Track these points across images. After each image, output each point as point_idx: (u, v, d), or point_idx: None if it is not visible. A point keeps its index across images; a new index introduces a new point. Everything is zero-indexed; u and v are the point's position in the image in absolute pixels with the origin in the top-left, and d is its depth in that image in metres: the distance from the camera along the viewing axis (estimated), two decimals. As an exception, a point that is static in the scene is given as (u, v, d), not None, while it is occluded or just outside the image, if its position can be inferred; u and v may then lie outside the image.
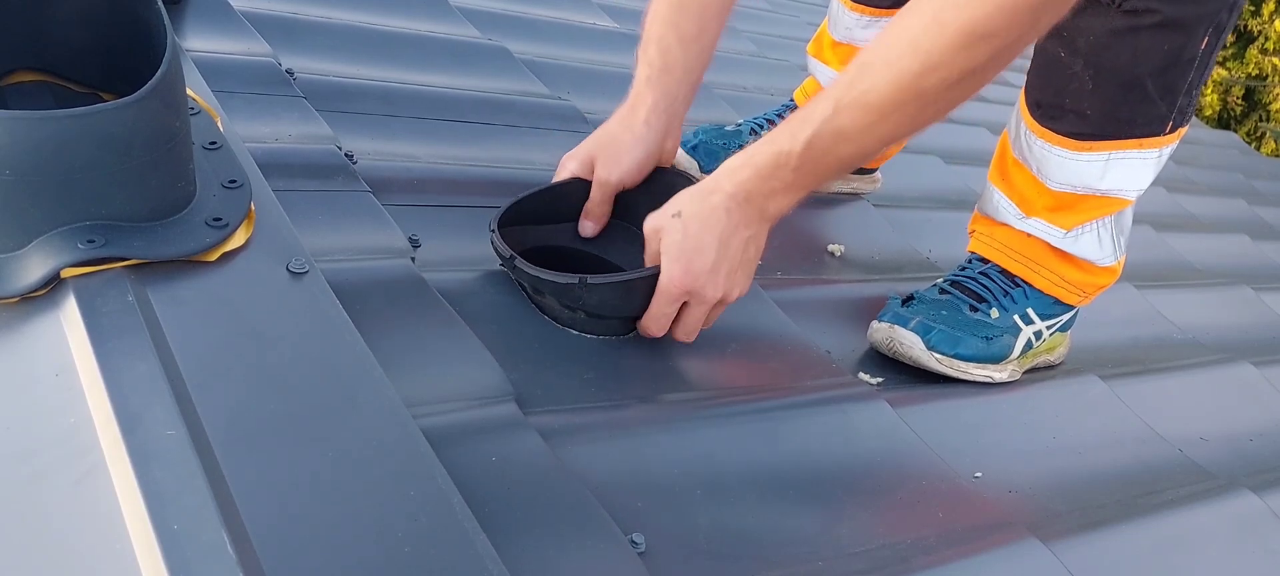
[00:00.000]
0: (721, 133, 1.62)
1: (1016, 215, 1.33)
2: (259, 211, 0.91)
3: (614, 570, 0.79)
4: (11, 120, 0.76)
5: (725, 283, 1.08)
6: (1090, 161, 1.26)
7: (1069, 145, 1.26)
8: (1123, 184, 1.27)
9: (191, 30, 1.39)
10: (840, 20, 1.61)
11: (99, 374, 0.71)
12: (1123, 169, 1.26)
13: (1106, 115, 1.23)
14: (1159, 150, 1.26)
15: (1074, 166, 1.27)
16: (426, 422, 0.82)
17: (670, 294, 1.08)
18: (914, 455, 1.11)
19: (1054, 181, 1.29)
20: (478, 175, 1.38)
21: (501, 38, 1.89)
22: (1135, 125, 1.24)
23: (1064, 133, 1.26)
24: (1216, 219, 2.71)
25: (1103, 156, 1.25)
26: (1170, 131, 1.25)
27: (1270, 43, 6.31)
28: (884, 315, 1.29)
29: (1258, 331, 1.93)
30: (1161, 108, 1.23)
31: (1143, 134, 1.24)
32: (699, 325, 1.12)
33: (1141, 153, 1.25)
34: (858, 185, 1.75)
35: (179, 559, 0.59)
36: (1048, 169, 1.29)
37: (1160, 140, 1.25)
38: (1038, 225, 1.32)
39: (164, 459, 0.65)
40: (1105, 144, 1.24)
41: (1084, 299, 1.37)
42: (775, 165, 1.06)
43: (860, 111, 1.01)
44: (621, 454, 0.95)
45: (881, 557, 0.93)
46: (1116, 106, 1.23)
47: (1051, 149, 1.27)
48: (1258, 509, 1.22)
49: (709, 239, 1.06)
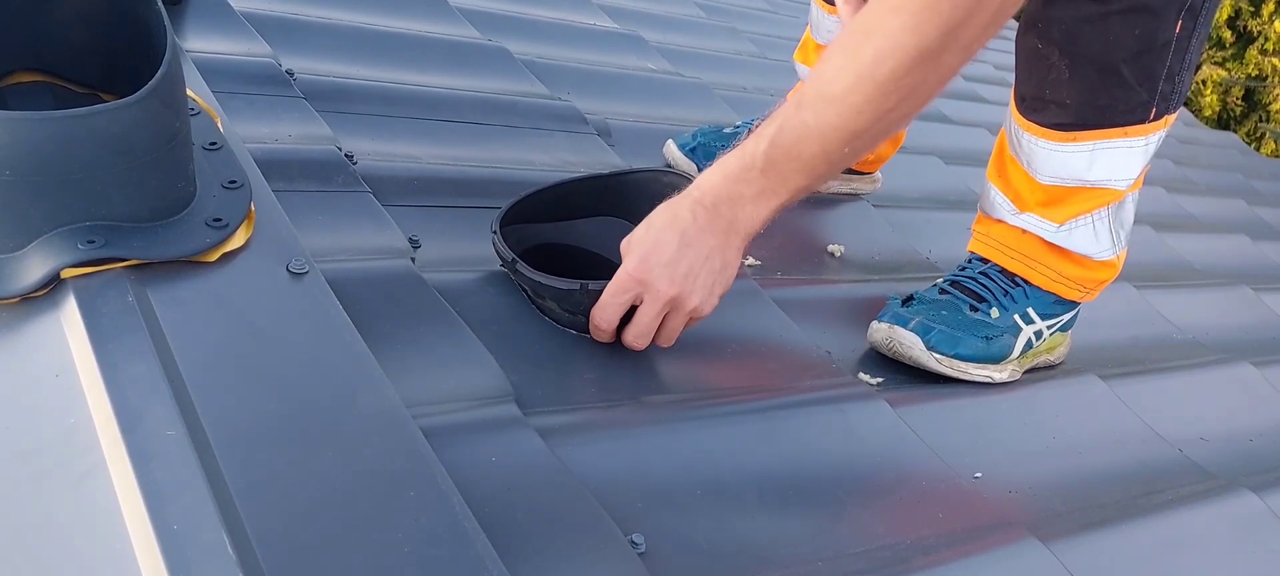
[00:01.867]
0: (720, 134, 1.62)
1: (1011, 211, 1.34)
2: (259, 212, 0.91)
3: (614, 570, 0.79)
4: (11, 120, 0.76)
5: (682, 283, 1.06)
6: (1075, 152, 1.26)
7: (1053, 137, 1.27)
8: (1110, 174, 1.28)
9: (191, 30, 1.39)
10: (820, 24, 1.62)
11: (99, 374, 0.71)
12: (1109, 158, 1.26)
13: (1086, 103, 1.24)
14: (1145, 138, 1.26)
15: (1061, 158, 1.27)
16: (426, 423, 0.82)
17: (620, 284, 1.06)
18: (914, 455, 1.11)
19: (1043, 175, 1.29)
20: (478, 175, 1.38)
21: (501, 38, 1.89)
22: (1116, 112, 1.24)
23: (1047, 124, 1.27)
24: (1216, 219, 2.71)
25: (1087, 147, 1.26)
26: (1155, 118, 1.26)
27: (1270, 43, 6.31)
28: (884, 315, 1.29)
29: (1258, 331, 1.93)
30: (1142, 94, 1.23)
31: (1125, 122, 1.25)
32: (650, 327, 1.09)
33: (1127, 141, 1.26)
34: (857, 186, 1.76)
35: (179, 559, 0.59)
36: (1037, 162, 1.29)
37: (1145, 128, 1.26)
38: (1031, 220, 1.32)
39: (164, 459, 0.65)
40: (1088, 133, 1.25)
41: (1086, 294, 1.37)
42: (742, 168, 1.05)
43: (822, 104, 1.01)
44: (621, 454, 0.95)
45: (881, 558, 0.93)
46: (1095, 94, 1.24)
47: (1038, 142, 1.28)
48: (1258, 509, 1.22)
49: (669, 237, 1.05)
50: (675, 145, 1.62)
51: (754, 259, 1.42)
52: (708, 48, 2.51)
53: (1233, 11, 6.40)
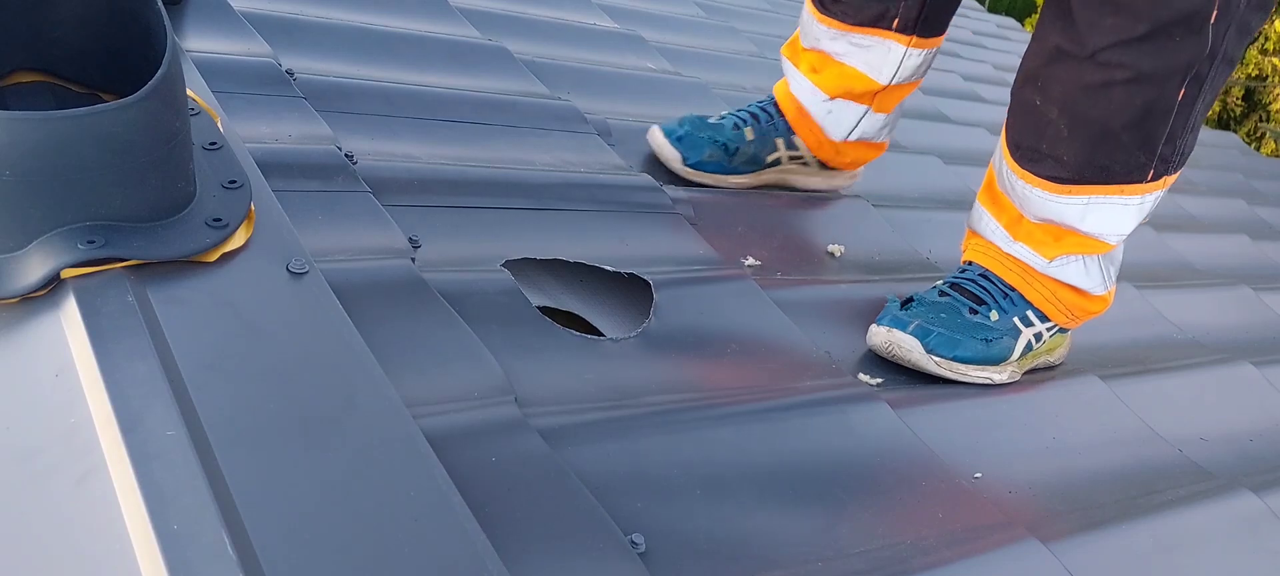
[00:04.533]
0: (705, 124, 1.63)
1: (1005, 238, 1.36)
2: (259, 211, 0.91)
3: (614, 570, 0.79)
4: (11, 120, 0.76)
5: None
6: (1069, 204, 1.28)
7: (1048, 188, 1.28)
8: (1103, 228, 1.28)
9: (191, 30, 1.39)
10: (809, 29, 1.63)
11: (99, 374, 0.71)
12: (1102, 213, 1.27)
13: (1084, 162, 1.24)
14: (1140, 197, 1.27)
15: (1055, 207, 1.29)
16: (426, 422, 0.82)
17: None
18: (914, 456, 1.11)
19: (1036, 216, 1.31)
20: (478, 175, 1.38)
21: (501, 38, 1.89)
22: (1113, 173, 1.24)
23: (1043, 176, 1.28)
24: (1216, 219, 2.71)
25: (1082, 200, 1.27)
26: (1152, 179, 1.26)
27: (1270, 43, 6.31)
28: (882, 318, 1.29)
29: (1258, 331, 1.93)
30: (1140, 157, 1.24)
31: (1122, 180, 1.25)
32: None
33: (1122, 199, 1.26)
34: (837, 182, 1.75)
35: (179, 559, 0.59)
36: (1030, 206, 1.31)
37: (1142, 188, 1.26)
38: (1023, 250, 1.34)
39: (164, 459, 0.65)
40: (1084, 188, 1.26)
41: (1072, 322, 1.38)
42: None
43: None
44: (621, 454, 0.95)
45: (881, 558, 0.93)
46: (1093, 154, 1.24)
47: (1032, 189, 1.29)
48: (1258, 509, 1.22)
49: None
50: (660, 131, 1.62)
51: (754, 259, 1.42)
52: (707, 47, 2.51)
53: (1233, 11, 6.39)
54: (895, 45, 1.53)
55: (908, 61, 1.55)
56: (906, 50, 1.53)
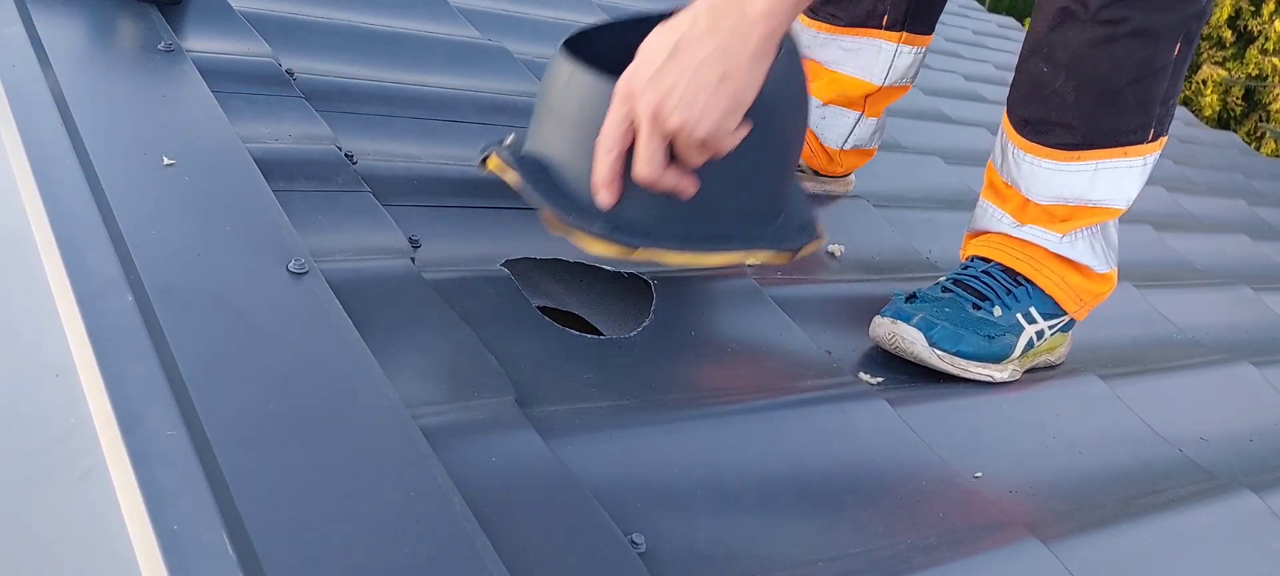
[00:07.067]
0: None
1: (1012, 223, 1.37)
2: (259, 211, 0.91)
3: (614, 570, 0.79)
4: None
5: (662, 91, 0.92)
6: (1079, 171, 1.30)
7: (1058, 156, 1.30)
8: (1111, 194, 1.32)
9: (191, 30, 1.39)
10: (799, 38, 1.63)
11: (99, 374, 0.71)
12: (1110, 178, 1.30)
13: (1092, 125, 1.28)
14: (1142, 159, 1.31)
15: (1063, 178, 1.31)
16: (426, 422, 0.82)
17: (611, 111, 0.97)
18: (914, 455, 1.11)
19: (1043, 197, 1.33)
20: (477, 175, 1.38)
21: (501, 38, 1.89)
22: (1119, 133, 1.29)
23: (1053, 145, 1.30)
24: (1216, 219, 2.71)
25: (1090, 166, 1.30)
26: (1151, 140, 1.31)
27: (1270, 43, 6.31)
28: (887, 311, 1.30)
29: (1258, 331, 1.93)
30: (1141, 117, 1.28)
31: (1127, 142, 1.29)
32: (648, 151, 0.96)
33: (1127, 161, 1.30)
34: (830, 187, 1.75)
35: (179, 559, 0.59)
36: (1037, 185, 1.32)
37: (1143, 149, 1.31)
38: (1033, 231, 1.35)
39: (164, 459, 0.65)
40: (1093, 153, 1.29)
41: (1081, 309, 1.38)
42: None
43: None
44: (621, 454, 0.95)
45: (881, 557, 0.93)
46: (1100, 116, 1.28)
47: (1041, 163, 1.31)
48: (1258, 509, 1.22)
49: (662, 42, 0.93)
50: None
51: (754, 258, 1.42)
52: (708, 47, 2.50)
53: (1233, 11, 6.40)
54: (885, 44, 1.55)
55: (899, 61, 1.57)
56: (897, 48, 1.56)
